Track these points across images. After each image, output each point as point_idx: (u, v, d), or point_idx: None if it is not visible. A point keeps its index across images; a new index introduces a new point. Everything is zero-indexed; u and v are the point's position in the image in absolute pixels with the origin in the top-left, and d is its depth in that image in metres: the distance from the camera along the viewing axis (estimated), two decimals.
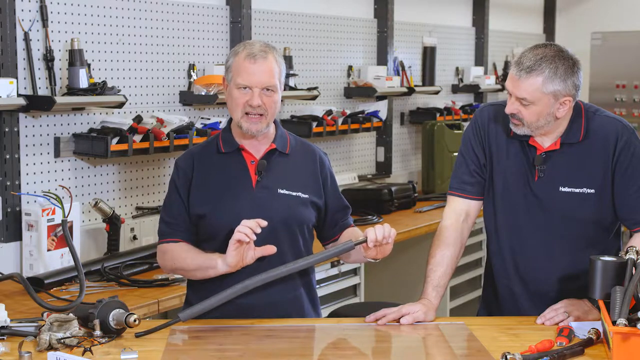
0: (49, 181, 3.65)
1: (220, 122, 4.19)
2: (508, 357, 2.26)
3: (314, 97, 4.87)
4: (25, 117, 3.54)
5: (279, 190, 2.75)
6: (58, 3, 3.64)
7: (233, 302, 2.69)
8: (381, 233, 2.60)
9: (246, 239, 2.57)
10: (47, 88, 3.58)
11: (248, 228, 2.56)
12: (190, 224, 2.78)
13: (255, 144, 2.78)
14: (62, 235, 3.40)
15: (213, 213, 2.73)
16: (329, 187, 2.87)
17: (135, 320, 2.44)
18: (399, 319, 2.69)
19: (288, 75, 4.71)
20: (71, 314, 2.44)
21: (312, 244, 2.87)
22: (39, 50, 3.56)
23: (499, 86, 6.86)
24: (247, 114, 2.69)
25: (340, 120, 5.00)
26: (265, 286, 2.69)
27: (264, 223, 2.59)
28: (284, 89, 4.58)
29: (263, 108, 2.69)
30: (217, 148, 2.80)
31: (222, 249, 2.68)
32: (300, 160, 2.83)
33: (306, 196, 2.78)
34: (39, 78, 3.55)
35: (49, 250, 3.43)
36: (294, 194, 2.76)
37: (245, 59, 2.68)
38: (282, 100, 4.77)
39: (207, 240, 2.76)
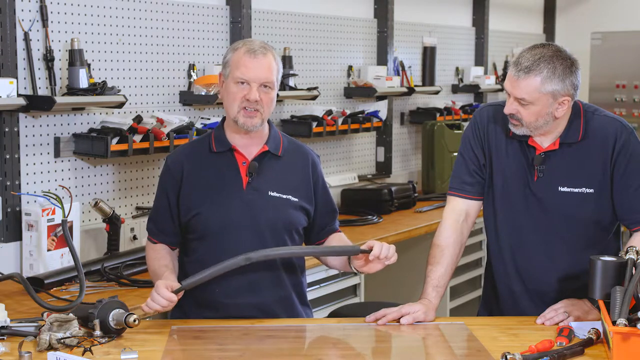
0: (49, 181, 3.65)
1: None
2: (508, 357, 2.26)
3: (314, 97, 4.87)
4: (25, 117, 3.54)
5: (269, 193, 2.75)
6: (58, 3, 3.64)
7: (222, 302, 2.74)
8: (385, 252, 2.62)
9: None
10: (47, 88, 3.58)
11: (154, 303, 2.55)
12: (174, 225, 2.81)
13: (248, 144, 2.78)
14: (62, 235, 3.40)
15: (203, 213, 2.74)
16: (320, 190, 2.87)
17: (135, 320, 2.44)
18: (399, 319, 2.70)
19: (288, 75, 4.71)
20: (71, 314, 2.45)
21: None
22: (39, 50, 3.56)
23: (499, 86, 6.86)
24: (244, 108, 2.70)
25: (340, 120, 5.00)
26: (254, 287, 2.73)
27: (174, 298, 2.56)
28: (284, 89, 4.66)
29: (260, 104, 2.69)
30: (209, 147, 2.81)
31: (212, 249, 2.73)
32: (293, 162, 2.83)
33: (296, 199, 2.79)
34: (39, 78, 3.55)
35: (49, 250, 3.43)
36: (284, 196, 2.77)
37: (244, 54, 2.70)
38: (282, 100, 4.84)
39: (198, 239, 2.78)
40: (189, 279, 2.62)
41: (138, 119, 3.80)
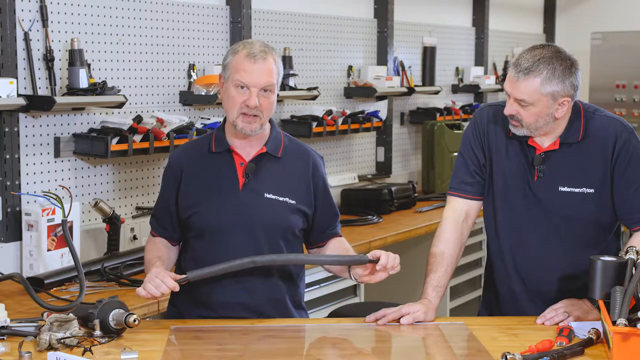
0: (49, 181, 3.65)
1: (220, 122, 4.19)
2: (508, 357, 2.26)
3: (314, 97, 4.87)
4: (25, 117, 3.54)
5: (265, 195, 2.74)
6: (58, 3, 3.64)
7: (216, 301, 2.74)
8: (392, 262, 2.63)
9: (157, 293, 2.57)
10: (47, 88, 3.58)
11: (155, 289, 2.55)
12: (172, 221, 2.83)
13: (247, 145, 2.77)
14: (62, 235, 3.40)
15: (200, 212, 2.75)
16: (320, 193, 2.85)
17: (135, 320, 2.44)
18: (399, 319, 2.70)
19: (288, 75, 4.71)
20: (71, 314, 2.45)
21: (301, 248, 2.89)
22: (39, 50, 3.56)
23: (499, 86, 6.86)
24: (243, 114, 2.69)
25: (340, 120, 5.00)
26: (248, 288, 2.73)
27: (165, 289, 2.56)
28: (284, 89, 4.66)
29: (259, 109, 2.68)
30: (209, 147, 2.81)
31: (208, 248, 2.74)
32: (293, 164, 2.82)
33: (293, 202, 2.77)
34: (39, 78, 3.55)
35: (49, 250, 3.43)
36: (281, 199, 2.76)
37: (245, 58, 2.68)
38: (282, 100, 4.84)
39: (195, 237, 2.80)
40: (194, 272, 2.61)
41: (138, 119, 3.80)
